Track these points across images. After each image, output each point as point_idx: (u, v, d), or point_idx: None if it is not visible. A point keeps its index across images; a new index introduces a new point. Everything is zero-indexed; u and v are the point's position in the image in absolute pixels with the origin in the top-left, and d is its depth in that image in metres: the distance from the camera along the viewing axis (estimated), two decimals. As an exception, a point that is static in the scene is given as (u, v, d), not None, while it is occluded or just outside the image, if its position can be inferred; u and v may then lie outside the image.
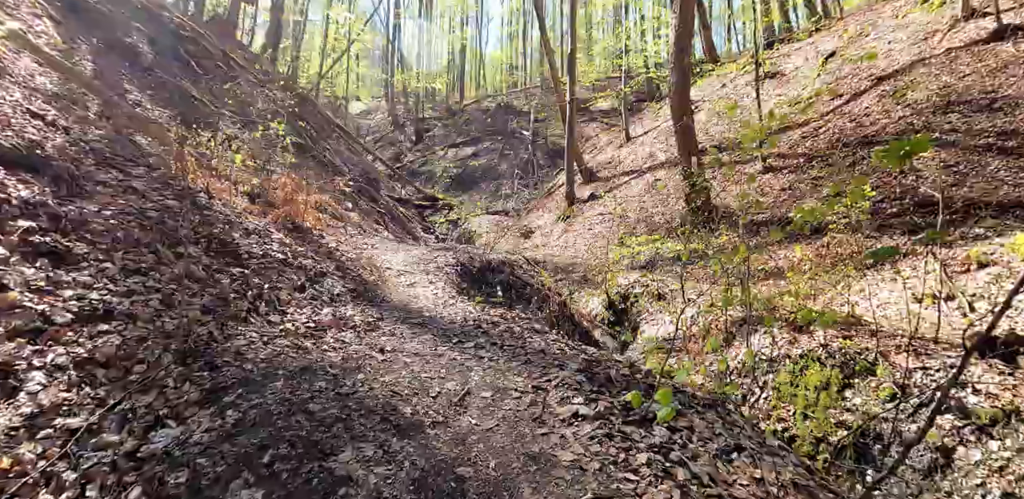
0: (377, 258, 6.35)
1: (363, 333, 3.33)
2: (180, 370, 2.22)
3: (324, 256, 4.75)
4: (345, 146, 19.52)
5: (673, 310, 7.46)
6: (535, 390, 2.49)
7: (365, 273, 4.95)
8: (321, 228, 6.36)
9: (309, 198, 6.81)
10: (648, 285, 8.76)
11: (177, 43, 12.49)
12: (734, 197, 11.47)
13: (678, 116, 10.82)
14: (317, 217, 6.75)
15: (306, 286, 3.83)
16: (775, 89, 14.81)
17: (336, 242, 5.82)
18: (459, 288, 5.81)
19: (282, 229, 5.14)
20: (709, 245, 10.59)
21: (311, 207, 6.83)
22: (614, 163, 17.93)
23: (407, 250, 7.19)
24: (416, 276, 5.63)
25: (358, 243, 7.17)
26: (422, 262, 6.34)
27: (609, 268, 11.33)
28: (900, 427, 3.76)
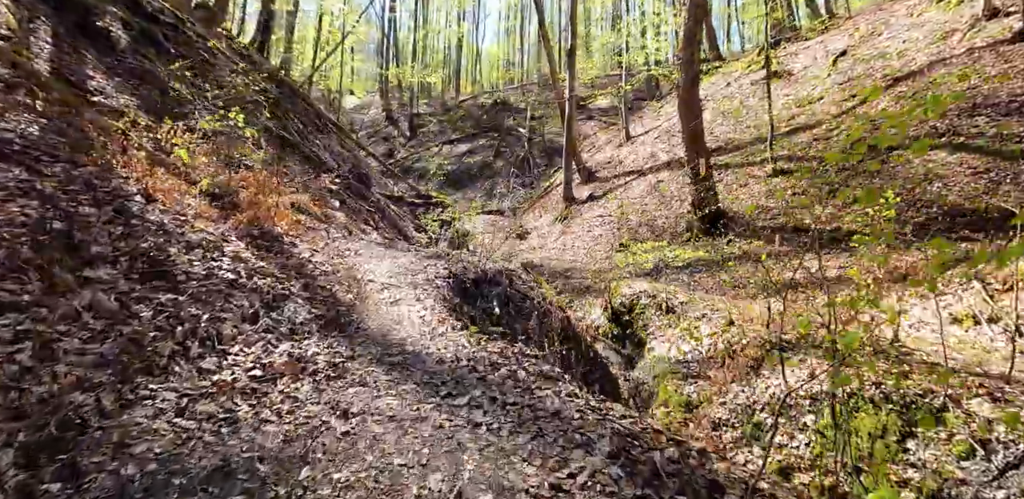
0: (359, 268, 5.54)
1: (325, 383, 2.54)
2: (18, 480, 1.43)
3: (291, 271, 3.94)
4: (336, 141, 18.60)
5: (685, 327, 6.72)
6: (553, 492, 1.72)
7: (341, 290, 4.14)
8: (296, 233, 5.54)
9: (283, 198, 5.98)
10: (655, 296, 8.01)
11: (155, 29, 11.55)
12: (742, 201, 10.75)
13: (686, 115, 10.06)
14: (294, 220, 5.93)
15: (260, 315, 3.03)
16: (783, 89, 14.09)
17: (312, 251, 5.00)
18: (451, 305, 5.02)
19: (245, 237, 4.32)
20: (718, 252, 9.88)
21: (286, 208, 6.01)
22: (613, 163, 17.17)
23: (394, 257, 6.38)
24: (402, 291, 4.83)
25: (340, 249, 6.35)
26: (410, 273, 5.54)
27: (612, 277, 10.57)
28: (984, 494, 3.06)
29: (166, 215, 3.44)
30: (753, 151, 12.43)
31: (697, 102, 10.09)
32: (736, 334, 5.72)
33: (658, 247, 9.00)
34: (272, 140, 12.07)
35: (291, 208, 6.72)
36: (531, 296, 6.22)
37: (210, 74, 11.56)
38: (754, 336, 5.45)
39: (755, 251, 9.33)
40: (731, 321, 6.12)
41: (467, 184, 22.71)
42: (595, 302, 9.46)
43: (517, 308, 6.03)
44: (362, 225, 11.05)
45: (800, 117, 12.46)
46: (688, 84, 9.98)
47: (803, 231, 9.13)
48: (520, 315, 5.99)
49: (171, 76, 10.65)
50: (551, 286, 10.83)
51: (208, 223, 3.99)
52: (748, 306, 7.22)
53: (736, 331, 5.80)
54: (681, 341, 6.45)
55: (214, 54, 13.27)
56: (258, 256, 3.87)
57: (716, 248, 9.89)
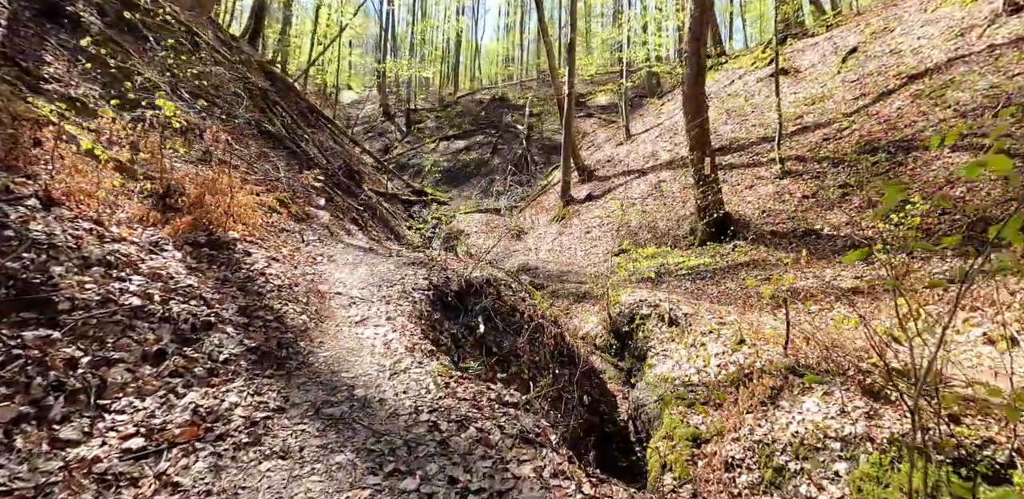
0: (327, 278, 4.87)
1: (232, 454, 1.89)
2: None
3: (232, 289, 3.27)
4: (329, 136, 17.88)
5: (690, 343, 6.06)
6: None
7: (293, 310, 3.47)
8: (259, 237, 4.86)
9: (248, 197, 5.30)
10: (657, 305, 7.35)
11: (133, 16, 10.81)
12: (749, 204, 10.08)
13: (691, 112, 9.37)
14: (259, 222, 5.25)
15: (168, 352, 2.37)
16: (790, 87, 13.39)
17: (269, 259, 4.32)
18: (429, 323, 4.35)
19: (184, 246, 3.64)
20: (723, 258, 9.22)
21: (253, 208, 5.33)
22: (613, 162, 16.47)
23: (372, 264, 5.71)
24: (372, 307, 4.16)
25: (312, 255, 5.67)
26: (386, 283, 4.88)
27: (612, 283, 9.91)
28: (1072, 582, 2.43)
29: (65, 223, 2.76)
30: (759, 151, 11.75)
31: (703, 99, 9.39)
32: (749, 355, 5.07)
33: (660, 253, 8.35)
34: (255, 134, 11.36)
35: (260, 208, 6.04)
36: (521, 309, 5.55)
37: (189, 64, 10.84)
38: (770, 359, 4.80)
39: (763, 257, 8.67)
40: (742, 339, 5.46)
41: (463, 181, 21.99)
42: (592, 310, 8.80)
43: (505, 322, 5.37)
44: (347, 225, 10.37)
45: (809, 116, 11.77)
46: (693, 80, 9.28)
47: (814, 236, 8.47)
48: (508, 330, 5.33)
49: (149, 65, 9.93)
50: (546, 291, 10.18)
51: (133, 231, 3.31)
52: (760, 321, 6.56)
53: (749, 351, 5.15)
54: (686, 360, 5.79)
55: (197, 44, 12.54)
56: (191, 271, 3.19)
57: (721, 253, 9.23)
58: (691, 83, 9.29)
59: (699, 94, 9.34)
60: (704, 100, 9.39)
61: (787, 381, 4.36)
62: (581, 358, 5.59)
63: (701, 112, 9.29)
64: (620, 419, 6.08)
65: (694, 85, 9.26)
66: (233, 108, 10.67)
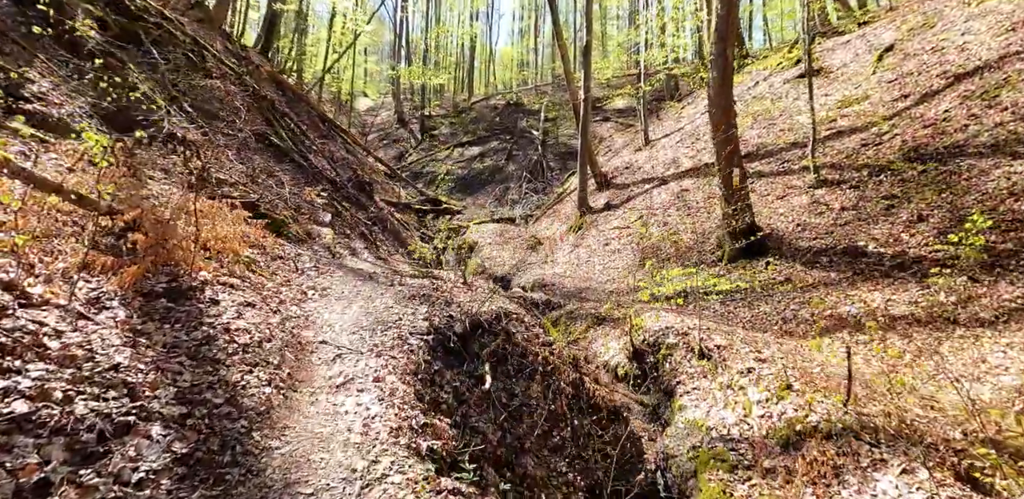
0: (315, 321, 4.26)
1: None
2: None
3: (179, 359, 2.67)
4: (341, 146, 17.45)
5: (726, 383, 5.31)
6: None
7: (255, 381, 2.84)
8: (234, 276, 4.28)
9: (223, 229, 4.71)
10: (685, 334, 6.61)
11: (138, 29, 10.44)
12: (782, 216, 9.25)
13: (718, 119, 8.60)
14: (237, 255, 4.67)
15: (55, 481, 1.76)
16: (820, 88, 12.48)
17: (243, 305, 3.72)
18: (425, 379, 3.71)
19: (133, 300, 3.06)
20: (754, 277, 8.41)
21: (231, 240, 4.75)
22: (632, 169, 15.69)
23: (369, 298, 5.09)
24: (359, 362, 3.54)
25: (302, 288, 5.08)
26: (380, 326, 4.25)
27: (633, 302, 9.16)
28: None
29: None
30: (789, 158, 10.89)
31: (731, 103, 8.61)
32: (799, 406, 4.31)
33: (688, 273, 7.58)
34: (261, 147, 10.90)
35: (250, 235, 5.48)
36: (533, 350, 4.87)
37: (189, 77, 10.42)
38: (826, 414, 4.04)
39: (799, 277, 7.85)
40: (789, 384, 4.70)
41: (478, 189, 21.40)
42: (613, 334, 8.07)
43: (517, 366, 4.70)
44: (353, 242, 9.81)
45: (843, 120, 10.87)
46: (720, 83, 8.51)
47: (858, 254, 7.62)
48: (520, 375, 4.66)
49: (149, 79, 9.52)
50: (563, 311, 9.48)
51: (63, 289, 2.73)
52: (805, 356, 5.77)
53: (799, 402, 4.39)
54: (722, 404, 5.05)
55: (203, 56, 12.16)
56: (129, 339, 2.60)
57: (753, 272, 8.42)
58: (718, 87, 8.52)
59: (727, 99, 8.56)
60: (732, 106, 8.61)
61: (852, 448, 3.61)
62: (602, 405, 4.89)
63: (729, 118, 8.51)
64: (647, 468, 5.34)
65: (721, 89, 8.49)
66: (237, 121, 10.21)
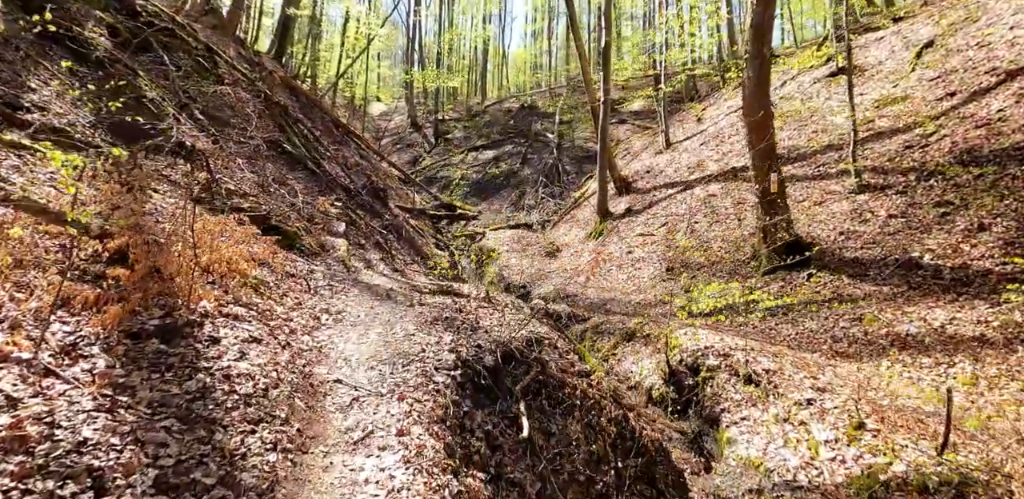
0: (328, 353, 3.79)
1: None
2: None
3: (167, 420, 2.21)
4: (355, 151, 17.10)
5: (781, 414, 4.74)
6: None
7: (257, 444, 2.37)
8: (240, 304, 3.82)
9: (227, 250, 4.26)
10: (727, 355, 6.04)
11: (148, 34, 10.14)
12: (822, 224, 8.62)
13: (754, 118, 8.01)
14: (244, 278, 4.22)
15: None
16: (855, 87, 11.79)
17: (246, 343, 3.25)
18: (455, 426, 3.22)
19: (118, 343, 2.60)
20: (796, 290, 7.78)
21: (237, 261, 4.30)
22: (653, 172, 15.10)
23: (388, 322, 4.61)
24: (379, 409, 3.06)
25: (315, 312, 4.63)
26: (401, 359, 3.77)
27: (663, 314, 8.60)
28: None
29: None
30: (825, 161, 10.24)
31: (768, 104, 8.02)
32: (878, 451, 3.74)
33: (727, 289, 7.00)
34: (273, 155, 10.53)
35: (259, 254, 5.03)
36: (570, 382, 4.35)
37: (199, 84, 10.08)
38: (914, 464, 3.46)
39: (847, 291, 7.23)
40: (861, 422, 4.12)
41: (493, 193, 20.93)
42: (644, 352, 7.52)
43: (553, 401, 4.18)
44: (368, 253, 9.37)
45: (883, 120, 10.21)
46: (756, 82, 7.93)
47: (912, 266, 6.98)
48: (557, 411, 4.14)
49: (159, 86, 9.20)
50: (588, 325, 8.93)
51: (30, 336, 2.28)
52: (868, 383, 5.18)
53: (876, 444, 3.82)
54: (781, 441, 4.48)
55: (215, 62, 11.85)
56: (109, 396, 2.14)
57: (794, 285, 7.82)
58: (754, 87, 7.94)
59: (763, 99, 7.98)
60: (769, 106, 8.03)
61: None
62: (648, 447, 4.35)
63: (766, 120, 7.93)
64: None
65: (757, 89, 7.91)
66: (249, 129, 9.84)
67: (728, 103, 15.62)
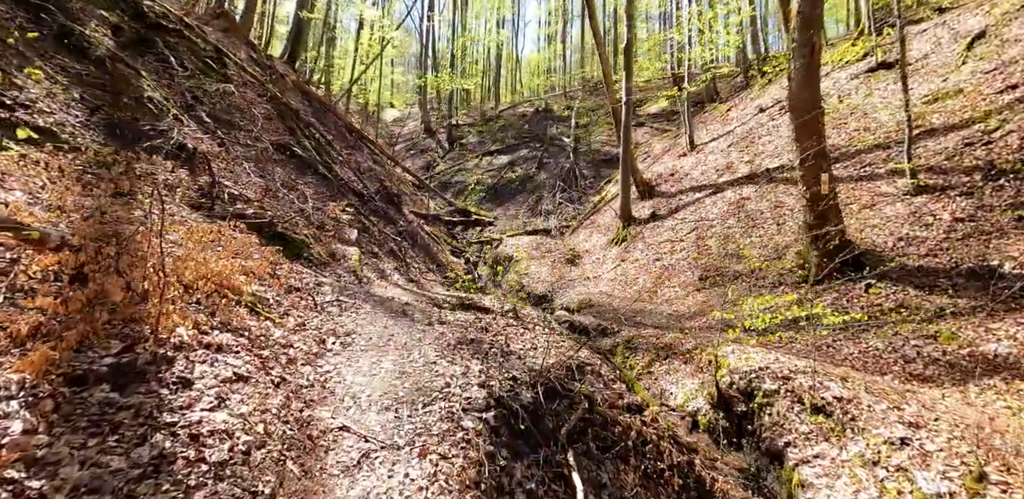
0: (333, 390, 3.11)
1: None
2: None
3: None
4: (368, 156, 16.57)
5: (867, 455, 3.95)
6: None
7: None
8: (226, 329, 3.17)
9: (216, 265, 3.61)
10: (787, 378, 5.24)
11: (155, 36, 9.68)
12: (877, 229, 7.78)
13: (802, 114, 7.25)
14: (236, 295, 3.57)
15: None
16: (895, 82, 10.96)
17: (226, 384, 2.58)
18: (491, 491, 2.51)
19: (53, 394, 1.95)
20: (853, 302, 6.96)
21: (229, 274, 3.65)
22: (677, 175, 14.32)
23: (404, 347, 3.93)
24: (396, 470, 2.37)
25: (320, 335, 3.96)
26: (420, 397, 3.08)
27: (702, 326, 7.80)
28: None
29: None
30: (871, 160, 9.41)
31: (818, 98, 7.25)
32: None
33: (780, 303, 6.20)
34: (283, 158, 9.98)
35: (247, 272, 4.38)
36: (622, 420, 3.61)
37: (211, 85, 9.57)
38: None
39: (914, 303, 6.40)
40: (981, 472, 3.33)
41: (509, 199, 20.27)
42: (684, 370, 6.74)
43: (601, 442, 3.45)
44: (382, 261, 8.71)
45: (934, 116, 9.35)
46: (804, 75, 7.17)
47: (990, 275, 6.14)
48: (607, 456, 3.40)
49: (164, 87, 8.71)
50: (618, 338, 8.17)
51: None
52: (963, 415, 4.36)
53: None
54: (874, 490, 3.69)
55: (224, 64, 11.37)
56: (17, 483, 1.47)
57: (850, 296, 6.99)
58: (801, 80, 7.17)
59: (812, 93, 7.21)
60: (820, 101, 7.25)
61: None
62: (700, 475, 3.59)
63: (815, 116, 7.15)
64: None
65: (806, 82, 7.14)
66: (255, 130, 9.30)
67: (756, 102, 14.82)
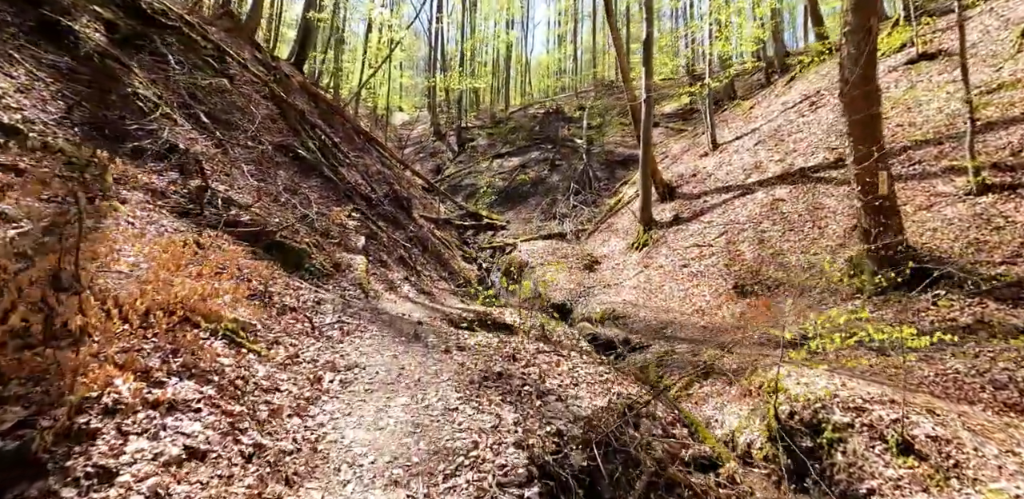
0: (324, 457, 2.38)
1: None
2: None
3: None
4: (377, 159, 15.91)
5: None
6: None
7: None
8: (182, 382, 2.45)
9: (181, 288, 2.90)
10: (862, 409, 4.44)
11: (152, 32, 9.08)
12: (937, 234, 6.93)
13: (857, 106, 6.45)
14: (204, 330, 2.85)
15: None
16: (943, 74, 10.11)
17: (169, 464, 1.85)
18: None
19: None
20: (920, 316, 6.12)
21: (202, 303, 2.93)
22: (699, 176, 13.49)
23: (418, 385, 3.19)
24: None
25: (314, 371, 3.24)
26: (440, 462, 2.33)
27: (746, 338, 6.98)
28: None
29: None
30: (921, 157, 8.56)
31: (876, 88, 6.45)
32: None
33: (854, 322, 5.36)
34: (286, 160, 9.31)
35: (230, 291, 3.67)
36: (694, 483, 2.83)
37: (208, 81, 8.93)
38: None
39: (996, 318, 5.55)
40: None
41: (521, 202, 19.53)
42: (730, 393, 5.93)
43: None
44: (391, 271, 7.98)
45: (990, 109, 8.49)
46: (860, 63, 6.35)
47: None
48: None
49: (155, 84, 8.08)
50: (648, 353, 7.38)
51: None
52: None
53: None
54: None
55: (224, 62, 10.74)
56: None
57: (916, 309, 6.15)
58: (856, 68, 6.36)
59: (869, 83, 6.41)
60: (878, 91, 6.45)
61: None
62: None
63: (873, 109, 6.34)
64: None
65: (861, 71, 6.33)
66: (253, 129, 8.63)
67: (781, 99, 13.97)
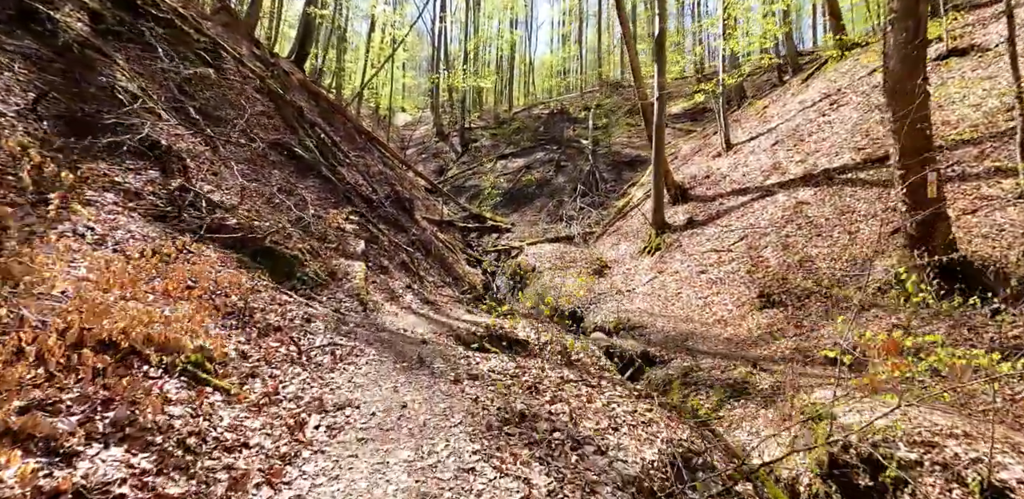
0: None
1: None
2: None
3: None
4: (379, 159, 15.30)
5: None
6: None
7: None
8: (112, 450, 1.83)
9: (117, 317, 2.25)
10: (934, 445, 3.82)
11: (142, 24, 8.49)
12: (988, 240, 6.31)
13: (903, 101, 5.83)
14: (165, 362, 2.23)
15: None
16: (977, 70, 9.49)
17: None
18: None
19: None
20: (981, 334, 5.51)
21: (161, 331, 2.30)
22: (713, 178, 12.88)
23: (422, 433, 2.57)
24: None
25: (295, 415, 2.62)
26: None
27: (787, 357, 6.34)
28: None
29: None
30: (960, 158, 7.94)
31: (923, 84, 5.83)
32: None
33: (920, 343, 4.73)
34: (282, 160, 8.71)
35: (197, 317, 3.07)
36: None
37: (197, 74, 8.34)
38: None
39: (1067, 336, 4.92)
40: None
41: (526, 203, 18.93)
42: (768, 418, 5.31)
43: None
44: (393, 279, 7.36)
45: None
46: (907, 54, 5.75)
47: None
48: None
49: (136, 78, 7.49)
50: (673, 370, 6.76)
51: None
52: None
53: None
54: None
55: (219, 56, 10.14)
56: None
57: (971, 325, 5.52)
58: (903, 60, 5.76)
59: (915, 76, 5.79)
60: (926, 86, 5.83)
61: None
62: None
63: (920, 105, 5.73)
64: None
65: (908, 63, 5.72)
66: (254, 128, 8.04)
67: (798, 98, 13.35)
